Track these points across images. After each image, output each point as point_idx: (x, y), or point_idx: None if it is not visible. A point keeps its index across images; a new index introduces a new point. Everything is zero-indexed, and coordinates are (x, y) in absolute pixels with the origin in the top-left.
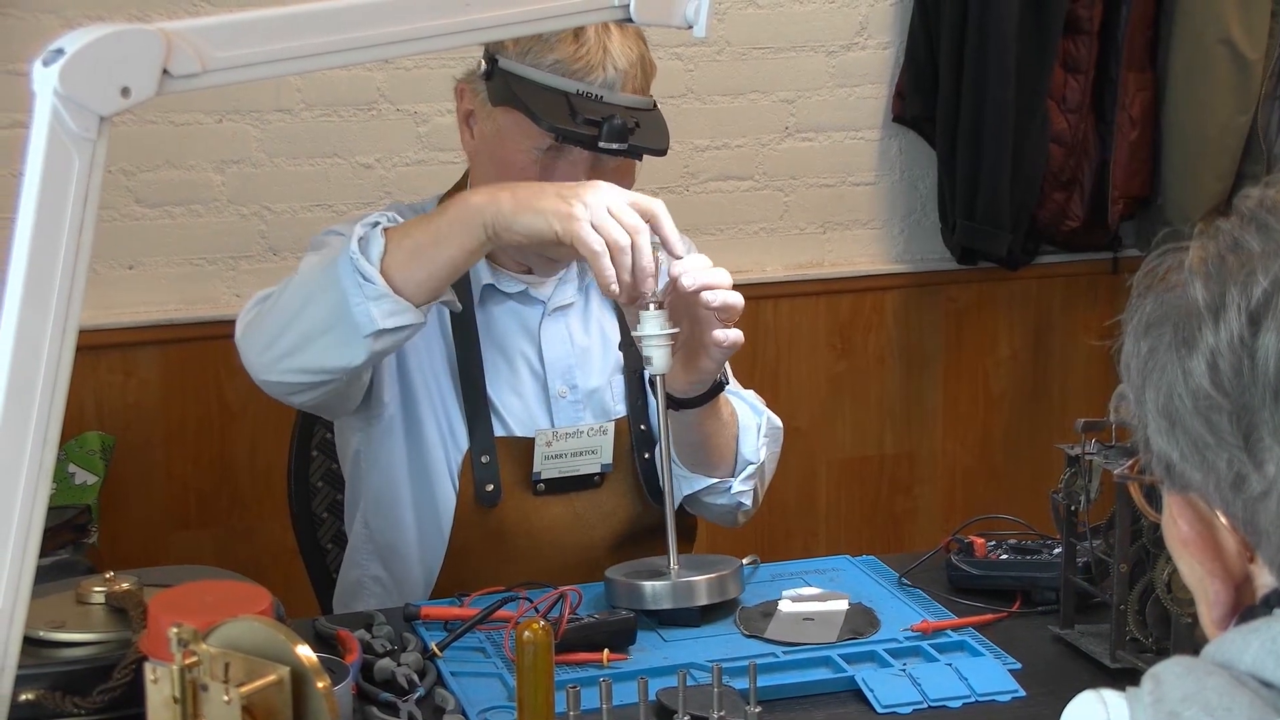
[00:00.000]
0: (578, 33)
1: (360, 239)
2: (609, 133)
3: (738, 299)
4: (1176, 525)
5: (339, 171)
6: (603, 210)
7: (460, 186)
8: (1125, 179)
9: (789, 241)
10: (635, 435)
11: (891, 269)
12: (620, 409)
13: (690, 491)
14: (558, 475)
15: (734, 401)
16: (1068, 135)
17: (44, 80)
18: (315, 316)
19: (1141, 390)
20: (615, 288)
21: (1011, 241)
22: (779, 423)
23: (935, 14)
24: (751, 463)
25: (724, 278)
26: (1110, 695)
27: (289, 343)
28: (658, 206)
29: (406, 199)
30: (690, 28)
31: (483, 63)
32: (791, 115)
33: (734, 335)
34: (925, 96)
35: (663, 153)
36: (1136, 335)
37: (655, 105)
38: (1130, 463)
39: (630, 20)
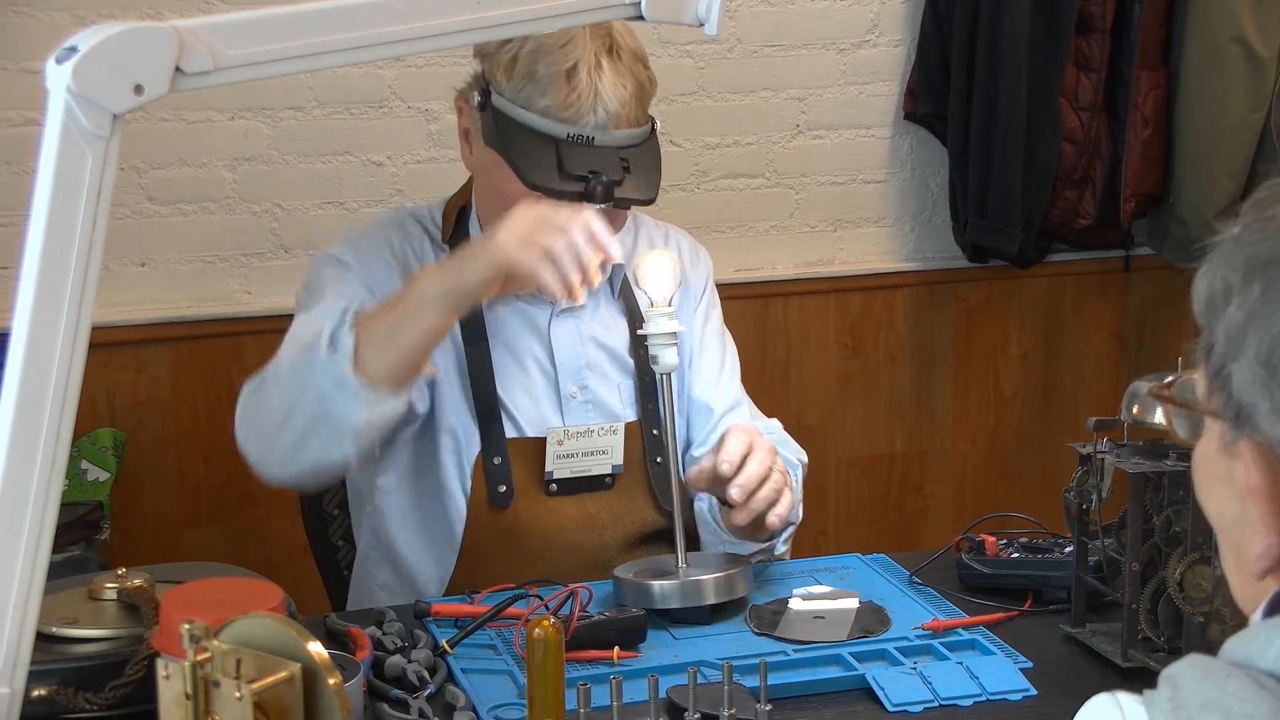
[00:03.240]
0: (570, 74)
1: (330, 338)
2: (593, 191)
3: (759, 505)
4: (1247, 472)
5: (350, 169)
6: (535, 236)
7: (466, 191)
8: (1137, 177)
9: (799, 239)
10: (647, 440)
11: (902, 267)
12: (630, 413)
13: (732, 551)
14: (569, 475)
15: None
16: (1080, 133)
17: (57, 78)
18: (302, 419)
19: (1242, 333)
20: (561, 293)
21: (1023, 240)
22: (804, 456)
23: (947, 11)
24: (792, 523)
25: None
26: (1126, 699)
27: (284, 448)
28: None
29: (416, 196)
30: (701, 25)
31: (477, 94)
32: (802, 113)
33: (751, 510)
34: (937, 94)
35: (649, 203)
36: (1243, 272)
37: (654, 131)
38: (1168, 380)
39: (641, 18)
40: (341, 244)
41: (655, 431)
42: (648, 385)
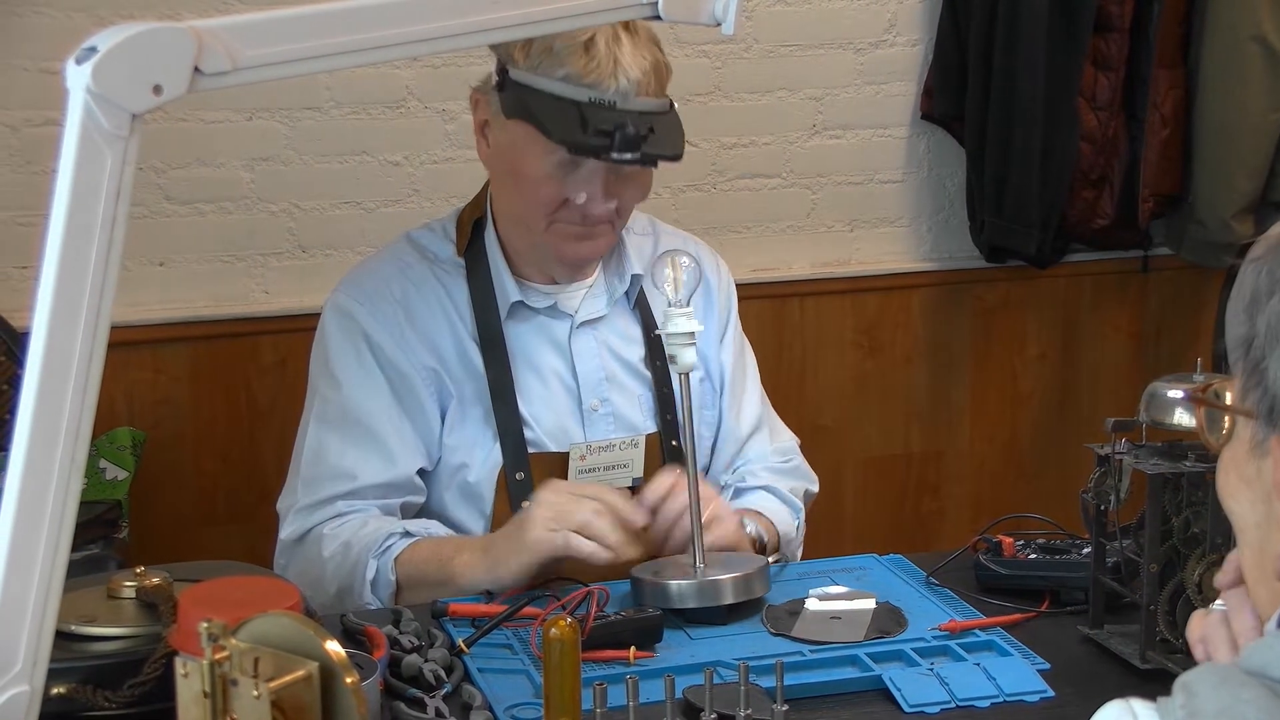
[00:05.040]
0: (588, 45)
1: (373, 582)
2: (621, 142)
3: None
4: (1276, 467)
5: (367, 169)
6: (566, 515)
7: (479, 203)
8: (1156, 177)
9: (816, 239)
10: (666, 451)
11: (919, 267)
12: (650, 425)
13: None
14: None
15: (769, 503)
16: (1098, 133)
17: (77, 78)
18: (332, 594)
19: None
20: (605, 557)
21: (1040, 240)
22: (814, 485)
23: (964, 11)
24: (786, 558)
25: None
26: (1140, 706)
27: (329, 603)
28: (603, 493)
29: (433, 197)
30: (718, 25)
31: (494, 74)
32: (819, 113)
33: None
34: (954, 94)
35: (677, 158)
36: None
37: (672, 106)
38: (1203, 384)
39: (658, 18)
40: (349, 287)
41: (675, 442)
42: (665, 396)
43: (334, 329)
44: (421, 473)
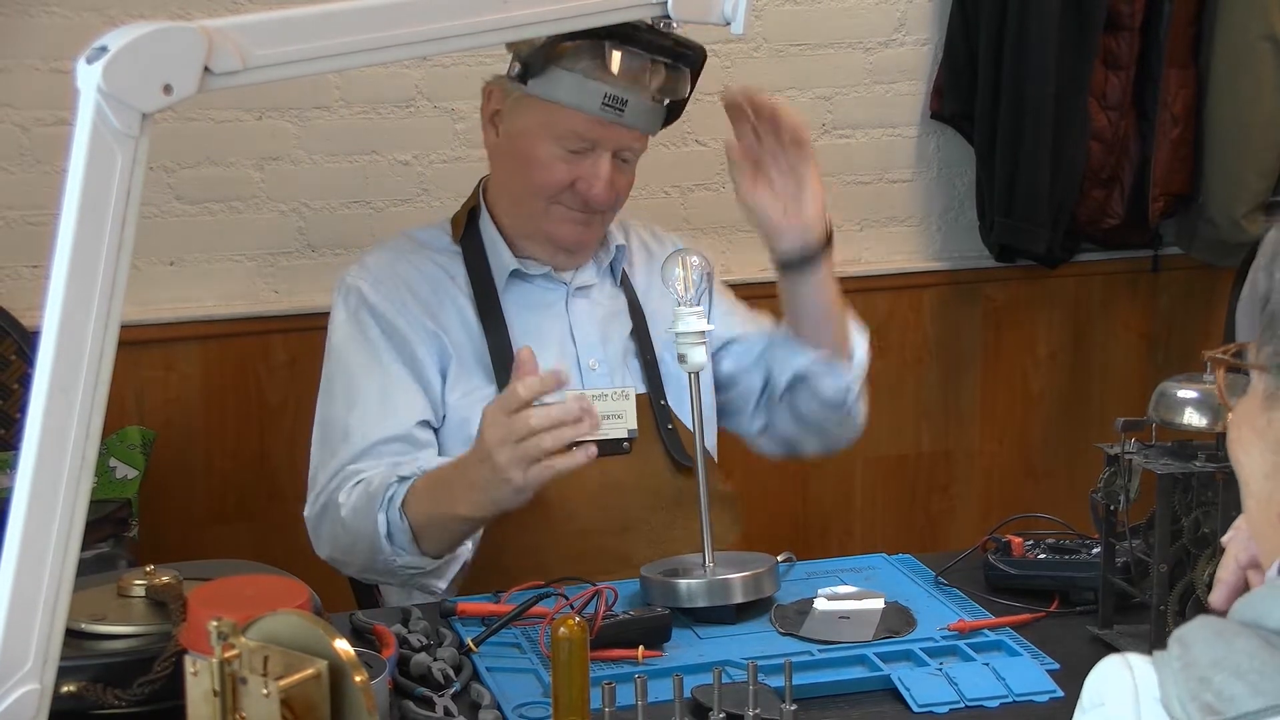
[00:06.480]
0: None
1: (389, 533)
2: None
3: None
4: None
5: (377, 168)
6: (520, 449)
7: (474, 194)
8: (1166, 176)
9: None
10: (656, 410)
11: (929, 266)
12: (640, 386)
13: (802, 367)
14: (588, 439)
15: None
16: (1108, 132)
17: (88, 78)
18: (364, 557)
19: None
20: (582, 458)
21: (1050, 239)
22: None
23: (974, 10)
24: (861, 364)
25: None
26: (1137, 661)
27: (354, 570)
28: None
29: (442, 196)
30: (728, 24)
31: (516, 64)
32: (829, 112)
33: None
34: (964, 93)
35: (679, 106)
36: None
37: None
38: (1226, 347)
39: (668, 17)
40: (355, 269)
41: (663, 401)
42: (649, 362)
43: (339, 306)
44: (430, 429)
